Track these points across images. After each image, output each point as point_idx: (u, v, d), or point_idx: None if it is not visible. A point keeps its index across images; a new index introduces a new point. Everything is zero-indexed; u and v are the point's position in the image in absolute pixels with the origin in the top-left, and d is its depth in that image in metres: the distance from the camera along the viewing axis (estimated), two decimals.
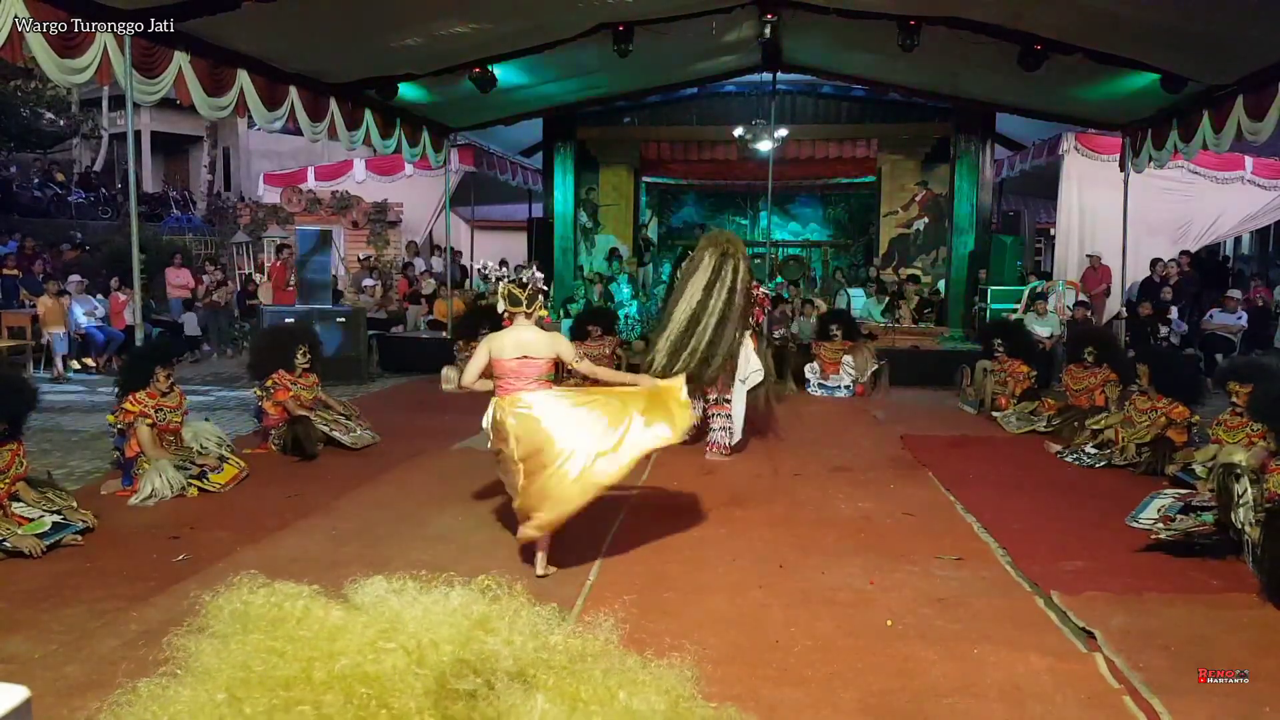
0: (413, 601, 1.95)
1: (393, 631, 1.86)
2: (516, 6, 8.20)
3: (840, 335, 10.20)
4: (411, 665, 1.78)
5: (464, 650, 1.81)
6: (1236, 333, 11.23)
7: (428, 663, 1.79)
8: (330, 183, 15.42)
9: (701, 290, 6.58)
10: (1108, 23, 7.66)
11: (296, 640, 1.86)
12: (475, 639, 1.85)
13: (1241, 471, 4.47)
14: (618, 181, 15.37)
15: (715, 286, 6.57)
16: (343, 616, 1.91)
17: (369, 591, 2.01)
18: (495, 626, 1.89)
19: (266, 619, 1.94)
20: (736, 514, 5.36)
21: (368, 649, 1.80)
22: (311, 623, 1.90)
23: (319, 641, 1.84)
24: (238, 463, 6.05)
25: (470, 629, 1.87)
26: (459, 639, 1.84)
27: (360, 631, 1.85)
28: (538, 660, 1.83)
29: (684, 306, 6.59)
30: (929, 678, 3.25)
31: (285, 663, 1.82)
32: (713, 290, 6.56)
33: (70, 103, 21.82)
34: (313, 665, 1.79)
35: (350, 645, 1.82)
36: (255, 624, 1.93)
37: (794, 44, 11.02)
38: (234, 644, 1.90)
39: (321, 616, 1.91)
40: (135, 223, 6.98)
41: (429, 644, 1.82)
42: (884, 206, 14.78)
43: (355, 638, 1.84)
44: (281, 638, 1.87)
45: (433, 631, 1.85)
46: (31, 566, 4.33)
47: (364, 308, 12.08)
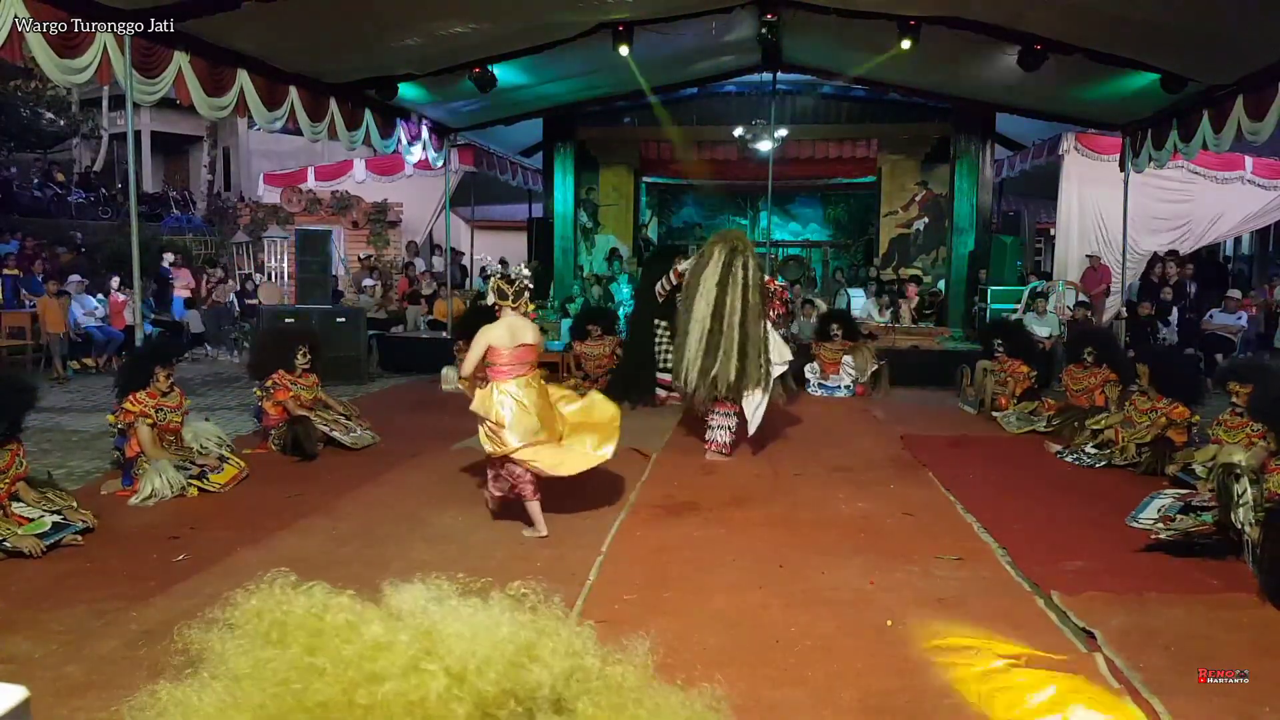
0: (454, 613, 1.87)
1: (435, 652, 1.78)
2: (516, 6, 8.20)
3: (840, 335, 10.20)
4: (453, 689, 1.73)
5: (507, 677, 1.76)
6: (1236, 333, 11.23)
7: (469, 687, 1.74)
8: (330, 183, 15.42)
9: (715, 287, 6.59)
10: (1108, 23, 7.66)
11: (338, 659, 1.77)
12: (519, 664, 1.80)
13: (1241, 471, 4.47)
14: (618, 181, 15.37)
15: (729, 283, 6.58)
16: (384, 631, 1.82)
17: (408, 598, 1.92)
18: (539, 653, 1.84)
19: (306, 629, 1.84)
20: (736, 514, 5.36)
21: (410, 671, 1.73)
22: (353, 638, 1.81)
23: (361, 661, 1.76)
24: (238, 463, 6.05)
25: (515, 654, 1.81)
26: (502, 664, 1.78)
27: (403, 650, 1.78)
28: (578, 690, 1.79)
29: (702, 304, 6.60)
30: (929, 678, 3.25)
31: (326, 684, 1.74)
32: (727, 287, 6.57)
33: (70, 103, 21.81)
34: (355, 689, 1.71)
35: (392, 665, 1.74)
36: (294, 634, 1.84)
37: (794, 44, 11.02)
38: (269, 653, 1.82)
39: (363, 631, 1.82)
40: (135, 223, 6.98)
41: (474, 670, 1.76)
42: (884, 206, 14.78)
43: (398, 656, 1.76)
44: (322, 653, 1.79)
45: (477, 656, 1.78)
46: (31, 566, 4.33)
47: (364, 308, 12.08)
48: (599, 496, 5.65)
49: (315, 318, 10.07)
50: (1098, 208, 12.47)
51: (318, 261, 11.01)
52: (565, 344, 10.81)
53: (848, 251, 17.76)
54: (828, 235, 18.26)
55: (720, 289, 6.58)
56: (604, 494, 5.72)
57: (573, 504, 5.47)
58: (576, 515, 5.25)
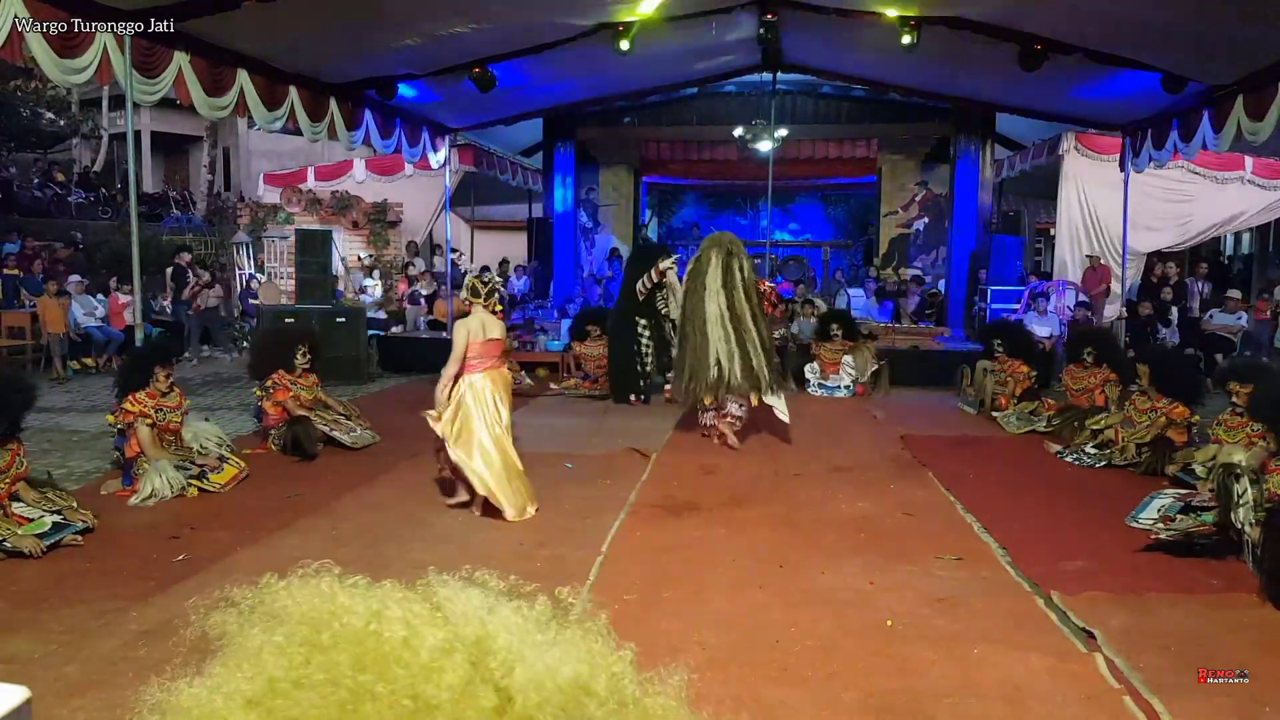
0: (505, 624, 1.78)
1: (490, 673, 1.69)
2: (516, 6, 8.20)
3: (840, 335, 10.20)
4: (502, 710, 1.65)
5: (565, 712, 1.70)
6: (1236, 333, 11.24)
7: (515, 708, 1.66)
8: (330, 183, 15.40)
9: (723, 289, 6.77)
10: (1108, 23, 7.67)
11: (391, 679, 1.66)
12: (575, 698, 1.71)
13: (1241, 471, 4.47)
14: (618, 181, 15.37)
15: (732, 286, 6.77)
16: (438, 646, 1.70)
17: (462, 602, 1.81)
18: (594, 687, 1.74)
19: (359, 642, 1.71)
20: (736, 514, 5.36)
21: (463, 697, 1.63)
22: (406, 657, 1.69)
23: (415, 684, 1.65)
24: (238, 463, 6.05)
25: (570, 687, 1.71)
26: (559, 697, 1.69)
27: (456, 670, 1.68)
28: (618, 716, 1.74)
29: (713, 306, 6.76)
30: (929, 678, 3.25)
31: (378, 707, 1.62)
32: (733, 290, 6.77)
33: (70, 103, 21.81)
34: (412, 717, 1.61)
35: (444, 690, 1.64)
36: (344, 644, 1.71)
37: (794, 44, 11.02)
38: (318, 660, 1.69)
39: (418, 646, 1.70)
40: (135, 223, 6.98)
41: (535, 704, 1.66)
42: (884, 206, 14.79)
43: (450, 678, 1.66)
44: (375, 671, 1.67)
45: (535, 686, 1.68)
46: (31, 566, 4.33)
47: (364, 308, 12.08)
48: (599, 496, 5.66)
49: (315, 318, 10.07)
50: (1098, 208, 12.47)
51: (318, 261, 11.01)
52: (565, 344, 10.81)
53: (848, 251, 17.76)
54: (828, 235, 18.27)
55: (728, 290, 6.74)
56: (604, 494, 5.72)
57: (573, 504, 5.48)
58: (576, 515, 5.25)
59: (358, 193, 15.11)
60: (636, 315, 9.02)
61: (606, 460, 6.69)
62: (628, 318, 9.14)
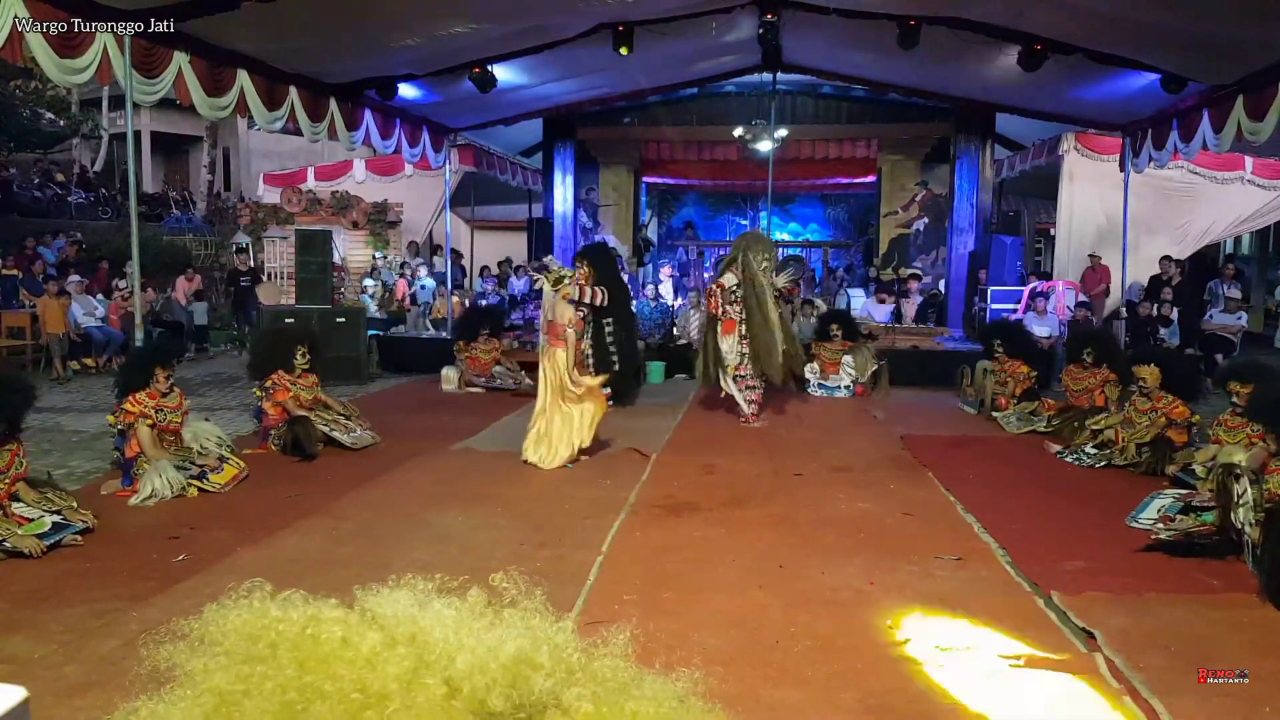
0: (439, 617, 1.82)
1: (430, 661, 1.73)
2: (516, 6, 8.20)
3: (840, 335, 10.20)
4: (454, 702, 1.67)
5: (514, 689, 1.72)
6: (1236, 333, 11.23)
7: (473, 700, 1.68)
8: (330, 183, 15.41)
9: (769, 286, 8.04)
10: (1108, 23, 7.66)
11: (335, 676, 1.70)
12: (520, 673, 1.75)
13: (1241, 472, 4.47)
14: (618, 181, 15.37)
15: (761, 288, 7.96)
16: (379, 644, 1.75)
17: (389, 604, 1.85)
18: (538, 659, 1.78)
19: (298, 647, 1.76)
20: (736, 514, 5.36)
21: (410, 686, 1.67)
22: (348, 655, 1.73)
23: (361, 679, 1.69)
24: (238, 463, 6.05)
25: (514, 663, 1.75)
26: (504, 675, 1.72)
27: (399, 663, 1.72)
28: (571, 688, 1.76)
29: (769, 303, 7.95)
30: (929, 678, 3.25)
31: (329, 705, 1.66)
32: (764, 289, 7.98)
33: (70, 103, 21.83)
34: (363, 711, 1.64)
35: (391, 682, 1.68)
36: (285, 650, 1.75)
37: (794, 44, 11.01)
38: (261, 671, 1.73)
39: (358, 645, 1.74)
40: (135, 223, 6.98)
41: (481, 685, 1.70)
42: (884, 206, 14.78)
43: (395, 671, 1.70)
44: (317, 671, 1.71)
45: (478, 668, 1.72)
46: (31, 566, 4.33)
47: (364, 308, 12.08)
48: (599, 496, 5.66)
49: (315, 318, 10.07)
50: (1097, 208, 12.46)
51: (318, 261, 11.01)
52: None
53: (848, 251, 17.76)
54: (828, 235, 18.27)
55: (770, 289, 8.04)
56: (604, 494, 5.72)
57: (573, 504, 5.48)
58: (576, 515, 5.25)
59: (358, 193, 15.12)
60: (602, 317, 8.53)
61: (606, 460, 6.69)
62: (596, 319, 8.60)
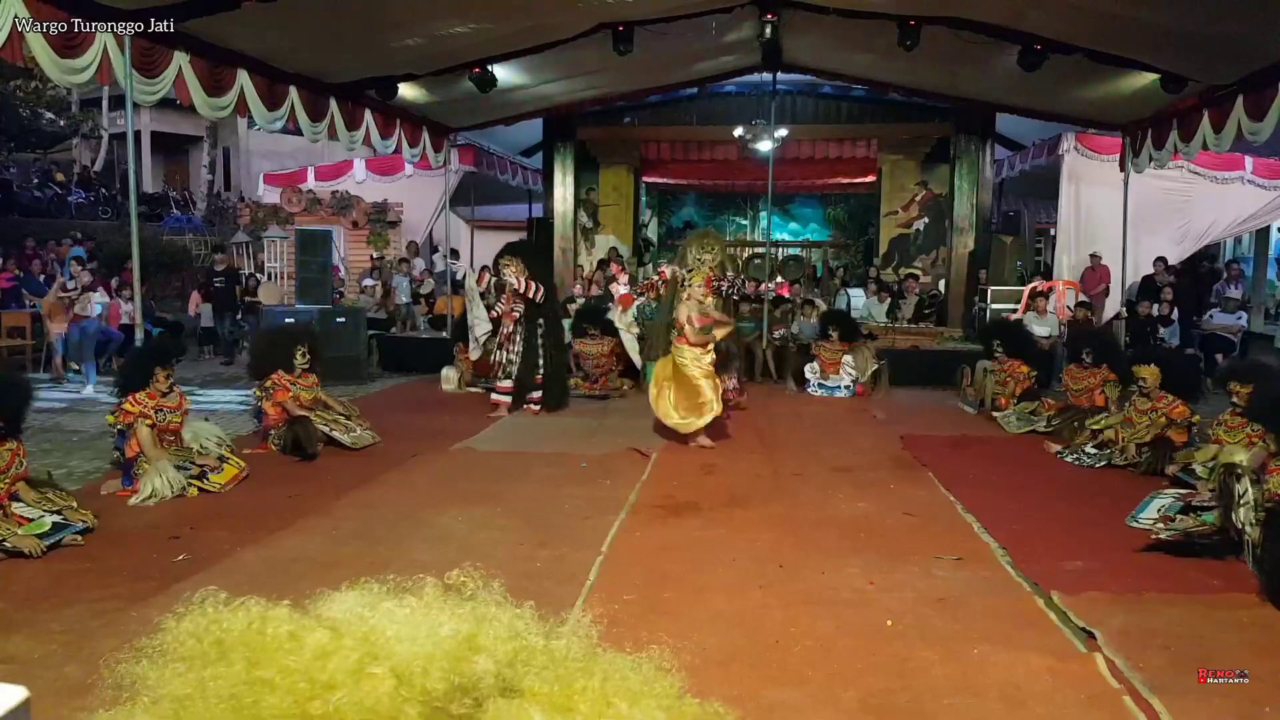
0: (390, 615, 1.83)
1: (380, 655, 1.73)
2: (516, 6, 8.20)
3: (838, 336, 10.19)
4: (402, 690, 1.71)
5: (454, 671, 1.74)
6: (1236, 333, 11.23)
7: (417, 688, 1.71)
8: (330, 183, 15.41)
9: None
10: (1108, 23, 7.66)
11: (284, 669, 1.71)
12: (462, 656, 1.77)
13: (1242, 472, 4.47)
14: (618, 181, 15.37)
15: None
16: (327, 639, 1.76)
17: (338, 606, 1.87)
18: (481, 641, 1.81)
19: (248, 645, 1.78)
20: (736, 514, 5.36)
21: (358, 676, 1.68)
22: (297, 648, 1.75)
23: (310, 670, 1.70)
24: (238, 463, 6.04)
25: (457, 647, 1.78)
26: (446, 659, 1.76)
27: (347, 655, 1.72)
28: (524, 670, 1.77)
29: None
30: (929, 678, 3.25)
31: (278, 696, 1.68)
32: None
33: (70, 103, 21.82)
34: (309, 700, 1.66)
35: (340, 672, 1.69)
36: (235, 650, 1.77)
37: (794, 44, 11.01)
38: (211, 672, 1.75)
39: (307, 640, 1.76)
40: (135, 223, 6.98)
41: (420, 670, 1.73)
42: (884, 206, 14.78)
43: (343, 663, 1.71)
44: (267, 665, 1.73)
45: (421, 655, 1.75)
46: (31, 566, 4.32)
47: (364, 308, 12.08)
48: (599, 496, 5.66)
49: (315, 318, 10.07)
50: (1098, 208, 12.46)
51: (318, 261, 11.01)
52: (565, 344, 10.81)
53: (848, 251, 17.76)
54: (828, 235, 18.27)
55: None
56: (604, 494, 5.72)
57: (573, 504, 5.48)
58: (576, 515, 5.25)
59: (358, 193, 15.13)
60: (537, 317, 8.55)
61: (606, 460, 6.70)
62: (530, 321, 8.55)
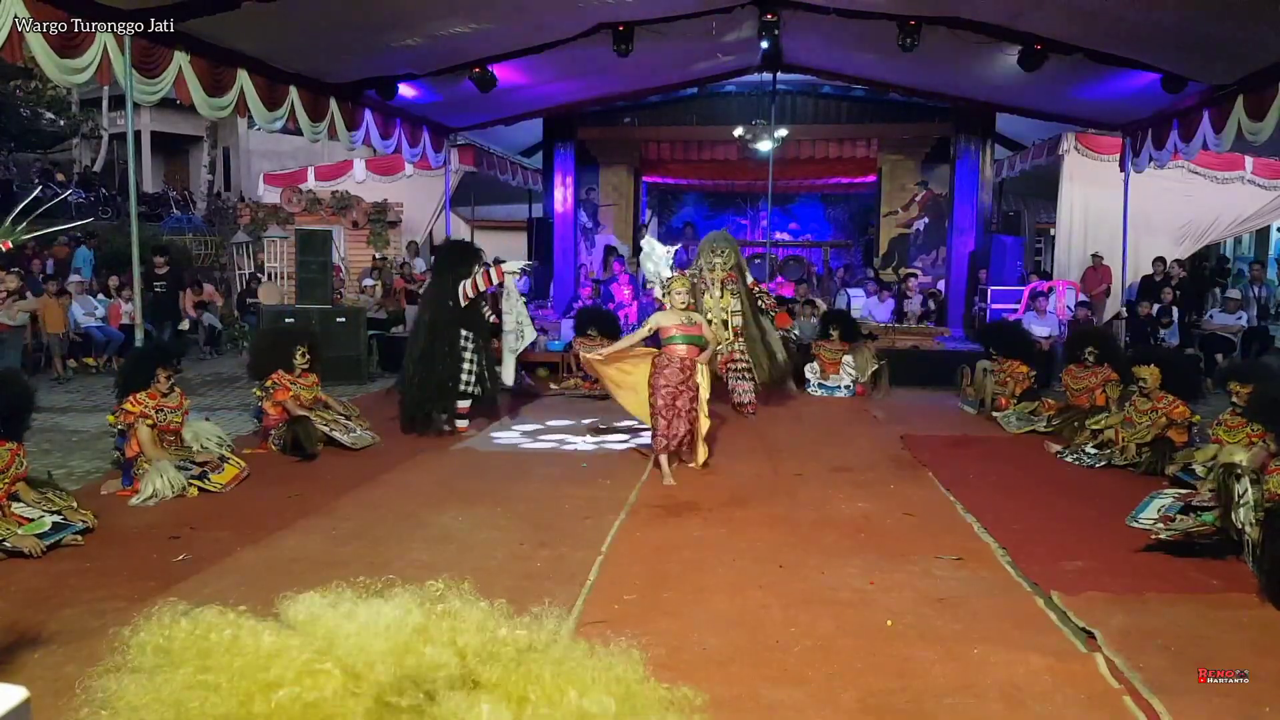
0: (349, 616, 1.83)
1: (328, 652, 1.75)
2: (516, 6, 8.20)
3: (838, 336, 10.19)
4: (350, 686, 1.71)
5: (401, 664, 1.74)
6: (1236, 333, 11.23)
7: (367, 681, 1.72)
8: (330, 183, 15.40)
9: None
10: (1108, 23, 7.67)
11: (229, 671, 1.73)
12: (411, 648, 1.77)
13: (1242, 472, 4.47)
14: (618, 181, 15.36)
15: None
16: (274, 640, 1.77)
17: (302, 608, 1.88)
18: (432, 634, 1.79)
19: (193, 650, 1.79)
20: (736, 514, 5.36)
21: (304, 674, 1.69)
22: (242, 650, 1.76)
23: (254, 670, 1.71)
24: (238, 463, 6.05)
25: (408, 640, 1.79)
26: (396, 652, 1.76)
27: (295, 655, 1.73)
28: (484, 656, 1.77)
29: None
30: (929, 678, 3.25)
31: (221, 697, 1.69)
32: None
33: (70, 103, 21.83)
34: (252, 698, 1.67)
35: (286, 671, 1.70)
36: (181, 657, 1.79)
37: (794, 44, 11.02)
38: (161, 679, 1.76)
39: (252, 642, 1.77)
40: (135, 223, 6.98)
41: (365, 663, 1.73)
42: (884, 206, 14.77)
43: (290, 661, 1.72)
44: (213, 669, 1.74)
45: (368, 648, 1.75)
46: (31, 566, 4.33)
47: (364, 308, 12.07)
48: (599, 496, 5.66)
49: (315, 318, 10.07)
50: (1098, 208, 12.46)
51: (318, 261, 11.00)
52: (565, 344, 10.82)
53: (848, 251, 17.75)
54: (828, 235, 18.25)
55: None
56: (604, 494, 5.72)
57: (572, 504, 5.48)
58: (576, 515, 5.25)
59: (358, 193, 15.12)
60: (460, 327, 7.37)
61: (607, 460, 6.69)
62: (450, 328, 7.38)
